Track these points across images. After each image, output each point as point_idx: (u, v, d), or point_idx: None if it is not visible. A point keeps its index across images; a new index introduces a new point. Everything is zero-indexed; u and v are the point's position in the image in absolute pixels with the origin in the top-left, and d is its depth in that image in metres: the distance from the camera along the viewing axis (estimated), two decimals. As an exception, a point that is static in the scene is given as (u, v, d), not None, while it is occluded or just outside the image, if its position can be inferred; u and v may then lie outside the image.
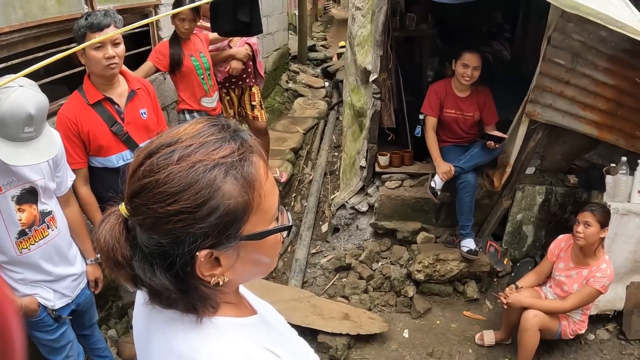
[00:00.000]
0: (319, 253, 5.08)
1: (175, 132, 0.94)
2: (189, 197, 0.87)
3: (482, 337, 4.06)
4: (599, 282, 3.47)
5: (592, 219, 3.48)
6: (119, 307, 4.02)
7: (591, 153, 4.53)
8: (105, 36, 2.48)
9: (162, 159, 0.89)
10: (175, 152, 0.89)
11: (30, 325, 2.54)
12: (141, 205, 0.90)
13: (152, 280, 0.94)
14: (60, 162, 2.55)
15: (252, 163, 0.94)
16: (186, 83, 4.34)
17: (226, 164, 0.90)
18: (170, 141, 0.92)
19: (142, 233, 0.92)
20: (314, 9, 18.09)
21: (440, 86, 4.57)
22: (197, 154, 0.89)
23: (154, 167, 0.89)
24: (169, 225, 0.88)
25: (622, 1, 3.53)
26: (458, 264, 4.42)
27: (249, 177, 0.92)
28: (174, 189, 0.87)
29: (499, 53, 7.97)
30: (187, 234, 0.89)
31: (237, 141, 0.93)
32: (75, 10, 3.54)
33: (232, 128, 0.96)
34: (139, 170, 0.91)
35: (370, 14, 5.06)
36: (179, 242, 0.90)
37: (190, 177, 0.87)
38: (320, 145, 7.51)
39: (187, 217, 0.88)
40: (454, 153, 4.54)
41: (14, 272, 2.40)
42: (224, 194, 0.89)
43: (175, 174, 0.87)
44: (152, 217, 0.89)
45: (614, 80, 3.98)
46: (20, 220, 2.31)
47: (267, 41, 8.71)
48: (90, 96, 2.87)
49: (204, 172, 0.88)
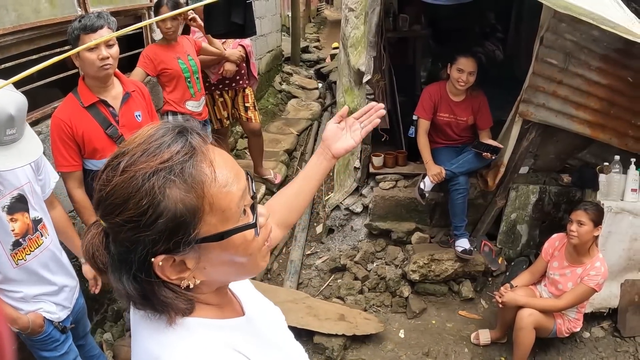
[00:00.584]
0: (313, 254, 5.09)
1: (128, 141, 0.95)
2: (131, 207, 0.88)
3: (477, 337, 4.07)
4: (593, 280, 3.49)
5: (586, 217, 3.49)
6: (114, 311, 4.01)
7: (584, 152, 4.55)
8: (101, 39, 2.47)
9: (110, 172, 0.90)
10: (122, 162, 0.90)
11: (37, 345, 2.50)
12: (102, 215, 0.93)
13: (119, 285, 0.96)
14: (41, 163, 2.51)
15: (194, 165, 0.91)
16: (172, 85, 4.33)
17: (165, 169, 0.89)
18: (120, 152, 0.93)
19: (111, 241, 0.95)
20: (307, 10, 18.11)
21: (434, 89, 4.56)
22: (138, 163, 0.89)
23: (104, 181, 0.91)
24: (121, 235, 0.91)
25: (614, 1, 3.54)
26: (453, 264, 4.43)
27: (190, 179, 0.90)
28: (118, 200, 0.88)
29: (492, 53, 8.01)
30: (137, 241, 0.90)
31: (178, 143, 0.92)
32: (68, 12, 3.55)
33: (177, 130, 0.94)
34: (98, 184, 0.93)
35: (364, 15, 5.07)
36: (131, 250, 0.91)
37: (131, 188, 0.88)
38: (314, 147, 7.51)
39: (133, 226, 0.89)
40: (447, 155, 4.55)
41: (13, 291, 2.35)
42: (166, 199, 0.88)
43: (118, 186, 0.89)
44: (110, 228, 0.93)
45: (607, 80, 4.01)
46: (13, 230, 2.25)
47: (260, 43, 8.71)
48: (84, 99, 2.86)
49: (142, 180, 0.87)
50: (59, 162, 2.84)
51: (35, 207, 2.39)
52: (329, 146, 1.71)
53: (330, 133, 1.72)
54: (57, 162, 2.84)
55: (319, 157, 1.72)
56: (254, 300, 1.27)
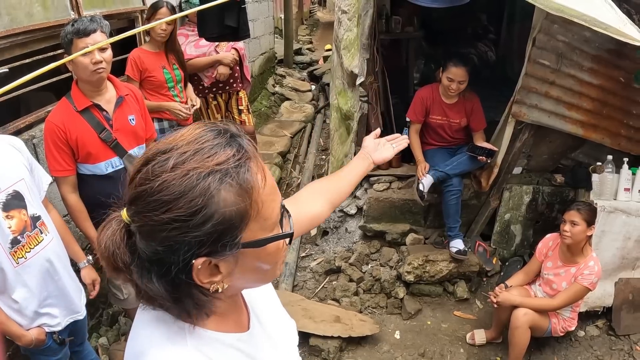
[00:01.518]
0: (308, 256, 5.09)
1: (172, 139, 0.93)
2: (182, 205, 0.86)
3: (473, 337, 4.08)
4: (587, 279, 3.50)
5: (579, 217, 3.51)
6: (109, 315, 4.01)
7: (577, 152, 4.57)
8: (96, 46, 2.47)
9: (157, 167, 0.88)
10: (170, 159, 0.88)
11: (35, 351, 2.52)
12: (138, 212, 0.89)
13: (148, 287, 0.93)
14: (33, 165, 2.51)
15: (249, 169, 0.91)
16: (156, 95, 4.33)
17: (221, 171, 0.88)
18: (166, 148, 0.91)
19: (140, 239, 0.90)
20: (300, 12, 18.13)
21: (426, 92, 4.56)
22: (192, 161, 0.88)
23: (149, 175, 0.88)
24: (164, 233, 0.87)
25: (605, 3, 3.56)
26: (447, 265, 4.44)
27: (245, 184, 0.90)
28: (168, 197, 0.86)
29: (484, 54, 8.05)
30: (182, 242, 0.88)
31: (233, 147, 0.91)
32: (62, 16, 3.55)
33: (230, 133, 0.94)
34: (136, 177, 0.91)
35: (357, 17, 5.08)
36: (174, 250, 0.88)
37: (184, 185, 0.86)
38: (308, 149, 7.53)
39: (181, 226, 0.86)
40: (440, 156, 4.56)
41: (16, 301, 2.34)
42: (219, 201, 0.87)
43: (169, 182, 0.86)
44: (149, 225, 0.88)
45: (599, 80, 4.03)
46: (10, 227, 2.24)
47: (253, 45, 8.72)
48: (78, 103, 2.84)
49: (197, 179, 0.86)
50: (52, 167, 2.83)
51: (33, 205, 2.39)
52: (369, 153, 1.98)
53: (370, 144, 2.01)
54: (51, 166, 2.83)
55: (359, 159, 1.96)
56: (268, 311, 1.26)
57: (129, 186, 0.93)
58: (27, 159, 2.47)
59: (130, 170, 0.95)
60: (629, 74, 3.97)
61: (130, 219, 0.92)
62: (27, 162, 2.46)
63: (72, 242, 2.80)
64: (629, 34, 3.12)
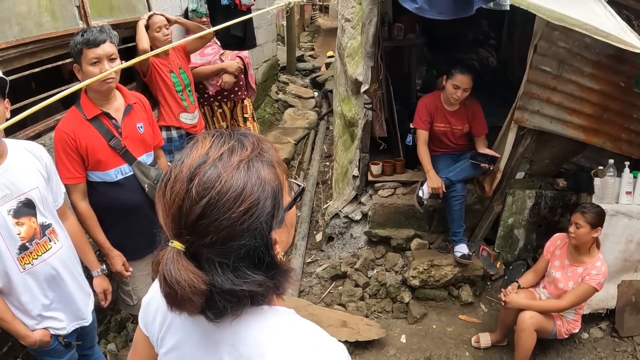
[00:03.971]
0: (314, 262, 5.12)
1: (195, 154, 1.01)
2: (250, 192, 0.97)
3: (478, 340, 4.11)
4: (594, 279, 3.54)
5: (582, 220, 3.55)
6: (117, 321, 4.03)
7: (579, 156, 4.61)
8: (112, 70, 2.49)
9: (210, 175, 0.97)
10: (215, 164, 0.98)
11: (41, 352, 2.54)
12: (209, 225, 0.95)
13: (245, 285, 0.99)
14: (52, 172, 2.55)
15: (269, 148, 1.08)
16: (164, 99, 4.35)
17: (257, 155, 1.02)
18: (200, 161, 0.99)
19: (217, 249, 0.98)
20: (301, 19, 18.17)
21: (429, 100, 4.60)
22: (233, 158, 0.99)
23: (207, 184, 0.96)
24: (244, 225, 0.96)
25: (605, 11, 3.61)
26: (452, 269, 4.47)
27: (275, 159, 1.06)
28: (236, 191, 0.96)
29: (486, 60, 8.08)
30: (262, 223, 0.98)
31: (247, 137, 1.06)
32: (70, 26, 3.58)
33: (231, 130, 1.08)
34: (189, 197, 0.96)
35: (360, 25, 5.12)
36: (257, 234, 0.98)
37: (243, 176, 0.97)
38: (312, 156, 7.55)
39: (255, 210, 0.97)
40: (444, 162, 4.60)
41: (20, 302, 2.37)
42: (269, 178, 1.01)
43: (230, 180, 0.96)
44: (225, 227, 0.95)
45: (599, 85, 4.08)
46: (19, 234, 2.27)
47: (256, 53, 8.76)
48: (87, 111, 2.88)
49: (249, 168, 0.99)
50: (63, 175, 2.85)
51: (44, 213, 2.41)
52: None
53: None
54: (62, 174, 2.85)
55: None
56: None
57: (181, 213, 0.97)
58: (45, 166, 2.49)
59: (168, 201, 1.00)
60: (629, 79, 4.02)
61: (190, 242, 0.98)
62: (45, 169, 2.48)
63: (88, 251, 2.84)
64: (630, 42, 3.17)
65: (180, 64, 4.41)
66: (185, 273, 0.96)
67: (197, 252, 0.99)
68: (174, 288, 0.96)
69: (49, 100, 1.25)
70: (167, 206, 0.99)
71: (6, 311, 2.33)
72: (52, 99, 1.27)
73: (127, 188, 3.02)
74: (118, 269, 3.05)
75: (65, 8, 3.58)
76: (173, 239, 1.00)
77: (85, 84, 1.70)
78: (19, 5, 3.14)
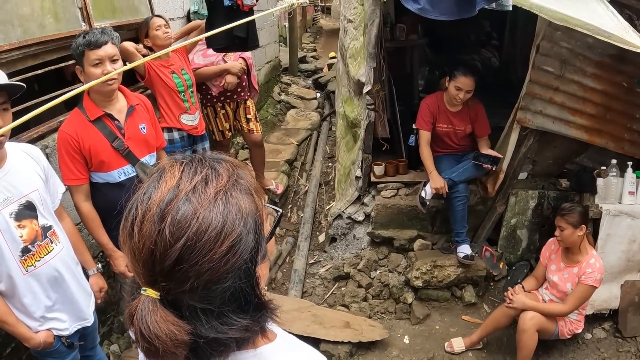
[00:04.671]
0: (317, 263, 5.12)
1: (163, 187, 0.88)
2: (232, 228, 0.86)
3: (451, 345, 4.09)
4: (590, 277, 3.55)
5: (563, 222, 3.62)
6: (120, 323, 4.03)
7: (582, 157, 4.61)
8: (115, 72, 2.49)
9: (184, 212, 0.85)
10: (189, 198, 0.86)
11: (44, 353, 2.55)
12: (188, 270, 0.83)
13: (231, 332, 0.89)
14: (49, 174, 2.57)
15: (246, 174, 0.95)
16: (165, 99, 4.35)
17: (235, 184, 0.91)
18: (171, 195, 0.87)
19: (199, 295, 0.86)
20: (303, 20, 18.18)
21: (432, 101, 4.61)
22: (208, 189, 0.87)
23: (183, 223, 0.84)
24: (227, 265, 0.85)
25: (608, 11, 3.61)
26: (455, 270, 4.48)
27: (253, 186, 0.94)
28: (216, 229, 0.84)
29: (488, 60, 8.07)
30: (245, 260, 0.88)
31: (220, 162, 0.94)
32: (73, 27, 3.59)
33: (201, 156, 0.95)
34: (162, 239, 0.84)
35: (363, 26, 5.13)
36: (241, 273, 0.88)
37: (222, 210, 0.86)
38: (314, 156, 7.56)
39: (239, 247, 0.86)
40: (447, 163, 4.61)
41: (24, 305, 2.38)
42: (249, 209, 0.90)
43: (208, 216, 0.84)
44: (207, 270, 0.84)
45: (602, 85, 4.08)
46: (21, 237, 2.28)
47: (259, 54, 8.76)
48: (90, 113, 2.89)
49: (227, 200, 0.87)
50: (66, 176, 2.87)
51: (44, 215, 2.43)
52: None
53: None
54: (65, 175, 2.87)
55: None
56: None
57: (155, 259, 0.85)
58: (43, 168, 2.51)
59: (136, 246, 0.87)
60: (632, 79, 4.01)
61: (167, 290, 0.86)
62: (43, 171, 2.50)
63: (84, 250, 2.85)
64: (632, 42, 3.17)
65: (182, 65, 4.41)
66: (165, 325, 0.83)
67: (176, 299, 0.87)
68: (154, 344, 0.84)
69: (53, 103, 1.23)
70: (136, 250, 0.86)
71: (9, 314, 2.34)
72: (56, 101, 1.26)
73: (130, 189, 3.01)
74: (121, 269, 3.06)
75: (68, 10, 3.59)
76: (145, 286, 0.87)
77: (89, 86, 1.69)
78: (22, 7, 3.16)
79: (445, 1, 3.48)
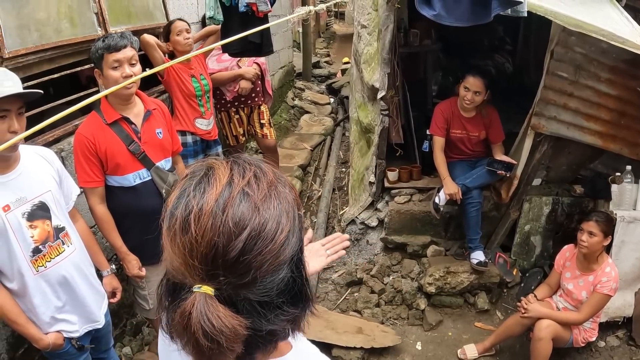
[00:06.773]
0: (330, 268, 5.11)
1: (217, 183, 0.89)
2: (287, 218, 0.90)
3: (464, 352, 4.07)
4: (606, 286, 3.52)
5: (597, 229, 3.54)
6: (133, 325, 4.05)
7: (596, 163, 4.58)
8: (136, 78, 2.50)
9: (245, 204, 0.87)
10: (246, 192, 0.88)
11: (54, 355, 2.57)
12: (251, 260, 0.84)
13: (282, 322, 0.92)
14: (63, 176, 2.60)
15: (281, 172, 1.00)
16: (182, 102, 4.38)
17: (278, 180, 0.95)
18: (228, 189, 0.88)
19: (257, 287, 0.87)
20: (317, 25, 18.19)
21: (445, 106, 4.61)
22: (261, 184, 0.90)
23: (245, 215, 0.85)
24: (284, 255, 0.88)
25: (622, 17, 3.60)
26: (468, 276, 4.46)
27: (288, 181, 0.99)
28: (275, 219, 0.88)
29: (502, 65, 8.05)
30: (296, 251, 0.92)
31: (260, 162, 0.97)
32: (89, 32, 3.63)
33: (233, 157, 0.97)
34: (225, 231, 0.84)
35: (377, 32, 5.13)
36: (293, 263, 0.92)
37: (276, 203, 0.89)
38: (328, 162, 7.55)
39: (293, 237, 0.90)
40: (461, 169, 4.61)
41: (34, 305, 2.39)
42: (294, 202, 0.95)
43: (265, 210, 0.87)
44: (268, 260, 0.86)
45: (616, 91, 4.05)
46: (32, 237, 2.30)
47: (272, 59, 8.79)
48: (107, 116, 2.92)
49: (278, 193, 0.91)
50: (82, 178, 2.89)
51: (58, 216, 2.45)
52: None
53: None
54: (80, 177, 2.90)
55: None
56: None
57: (216, 254, 0.84)
58: (57, 171, 2.55)
59: (194, 240, 0.85)
60: (646, 84, 3.99)
61: (223, 285, 0.85)
62: (57, 173, 2.54)
63: (98, 252, 2.88)
64: (647, 47, 3.16)
65: (201, 70, 4.44)
66: (227, 320, 0.83)
67: (231, 295, 0.87)
68: (218, 340, 0.82)
69: (75, 107, 1.24)
70: (194, 244, 0.84)
71: (20, 314, 2.36)
72: (75, 107, 1.26)
73: (145, 193, 3.04)
74: (134, 272, 3.08)
75: (84, 15, 3.63)
76: (199, 283, 0.85)
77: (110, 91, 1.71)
78: (39, 12, 3.19)
79: (460, 7, 3.48)
